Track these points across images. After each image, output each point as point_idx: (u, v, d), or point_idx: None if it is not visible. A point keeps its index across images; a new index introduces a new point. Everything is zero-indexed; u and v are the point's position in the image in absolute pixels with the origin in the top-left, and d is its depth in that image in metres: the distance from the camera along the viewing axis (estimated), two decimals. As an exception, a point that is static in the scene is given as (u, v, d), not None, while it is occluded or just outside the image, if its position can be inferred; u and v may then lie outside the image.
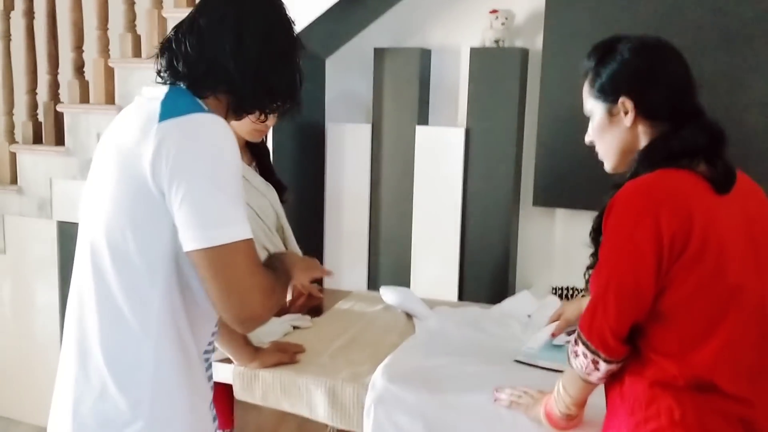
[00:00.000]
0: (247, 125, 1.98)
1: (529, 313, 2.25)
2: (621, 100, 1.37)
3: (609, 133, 1.41)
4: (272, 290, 1.22)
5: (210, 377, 1.37)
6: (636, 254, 1.24)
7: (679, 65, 1.38)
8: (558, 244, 3.21)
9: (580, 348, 1.32)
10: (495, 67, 3.07)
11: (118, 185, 1.20)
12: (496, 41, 3.06)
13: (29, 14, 3.35)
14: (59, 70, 3.37)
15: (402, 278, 3.26)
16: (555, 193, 3.06)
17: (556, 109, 3.00)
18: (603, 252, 1.31)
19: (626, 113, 1.37)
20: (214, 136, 1.18)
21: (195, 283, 1.22)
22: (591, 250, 1.41)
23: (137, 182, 1.17)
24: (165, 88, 1.25)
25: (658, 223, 1.23)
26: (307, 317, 2.17)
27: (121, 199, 1.19)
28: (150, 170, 1.15)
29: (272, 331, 2.01)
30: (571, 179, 3.01)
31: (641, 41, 1.39)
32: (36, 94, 3.43)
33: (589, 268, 1.40)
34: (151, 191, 1.16)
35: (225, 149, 1.18)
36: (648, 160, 1.33)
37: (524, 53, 3.09)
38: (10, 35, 3.40)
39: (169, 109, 1.18)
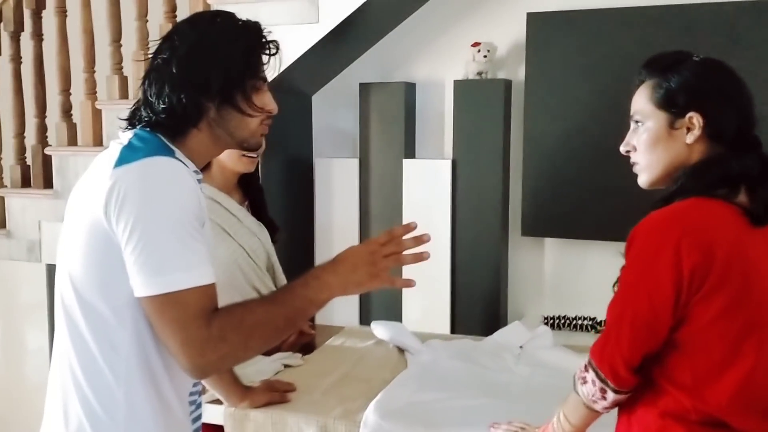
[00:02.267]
0: (235, 155, 1.97)
1: (521, 344, 2.25)
2: (690, 115, 1.31)
3: (663, 146, 1.34)
4: (221, 340, 1.14)
5: (196, 418, 1.36)
6: (654, 286, 1.23)
7: (747, 92, 1.34)
8: (548, 274, 3.22)
9: (590, 375, 1.31)
10: (479, 98, 3.09)
11: (79, 231, 1.20)
12: (479, 73, 3.10)
13: (16, 59, 3.37)
14: (47, 113, 3.39)
15: (394, 312, 3.25)
16: (543, 222, 3.07)
17: (541, 139, 3.03)
18: (622, 280, 1.30)
19: (689, 129, 1.31)
20: (164, 179, 1.16)
21: None
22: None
23: (95, 228, 1.17)
24: (131, 133, 1.25)
25: (679, 255, 1.21)
26: (298, 355, 2.16)
27: (82, 245, 1.19)
28: (104, 215, 1.15)
29: (263, 369, 2.00)
30: (559, 209, 3.02)
31: (713, 60, 1.35)
32: (24, 137, 3.43)
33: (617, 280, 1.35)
34: (107, 236, 1.16)
35: (175, 192, 1.16)
36: (698, 178, 1.29)
37: (507, 84, 3.12)
38: (-3, 80, 3.42)
39: (125, 155, 1.18)
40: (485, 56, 3.08)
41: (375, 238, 1.29)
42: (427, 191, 3.19)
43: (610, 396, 1.30)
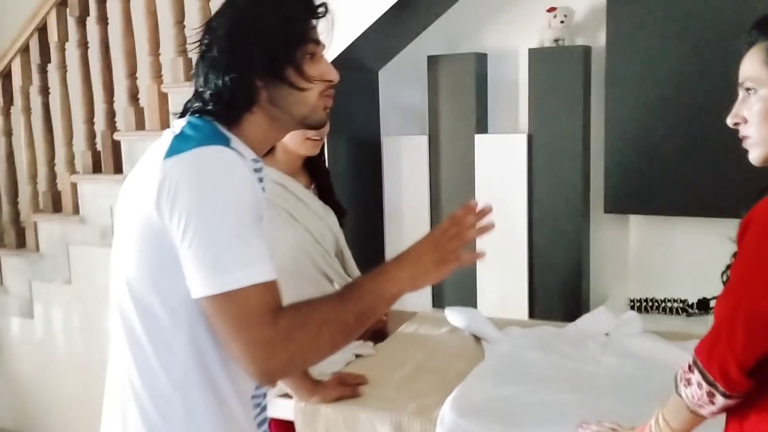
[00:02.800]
0: (298, 137, 1.90)
1: (607, 332, 2.10)
2: None
3: None
4: (289, 338, 1.06)
5: (262, 422, 1.29)
6: None
7: None
8: (633, 254, 3.04)
9: (695, 376, 1.17)
10: (556, 67, 2.93)
11: (131, 228, 1.14)
12: (556, 40, 2.93)
13: (83, 44, 3.38)
14: (114, 98, 3.39)
15: (468, 296, 3.14)
16: (628, 198, 2.90)
17: (625, 109, 2.85)
18: (735, 272, 1.15)
19: None
20: (217, 170, 1.08)
21: None
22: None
23: (146, 224, 1.10)
24: (184, 121, 1.19)
25: None
26: (370, 344, 2.08)
27: (134, 243, 1.13)
28: (156, 211, 1.08)
29: (334, 360, 1.92)
30: (645, 183, 2.84)
31: None
32: (93, 123, 3.45)
33: (727, 268, 1.22)
34: (160, 233, 1.08)
35: (229, 185, 1.08)
36: None
37: (586, 51, 2.94)
38: (66, 66, 3.44)
39: (176, 145, 1.11)
40: (562, 21, 2.91)
41: (437, 226, 1.25)
42: (501, 168, 3.07)
43: (720, 400, 1.15)
